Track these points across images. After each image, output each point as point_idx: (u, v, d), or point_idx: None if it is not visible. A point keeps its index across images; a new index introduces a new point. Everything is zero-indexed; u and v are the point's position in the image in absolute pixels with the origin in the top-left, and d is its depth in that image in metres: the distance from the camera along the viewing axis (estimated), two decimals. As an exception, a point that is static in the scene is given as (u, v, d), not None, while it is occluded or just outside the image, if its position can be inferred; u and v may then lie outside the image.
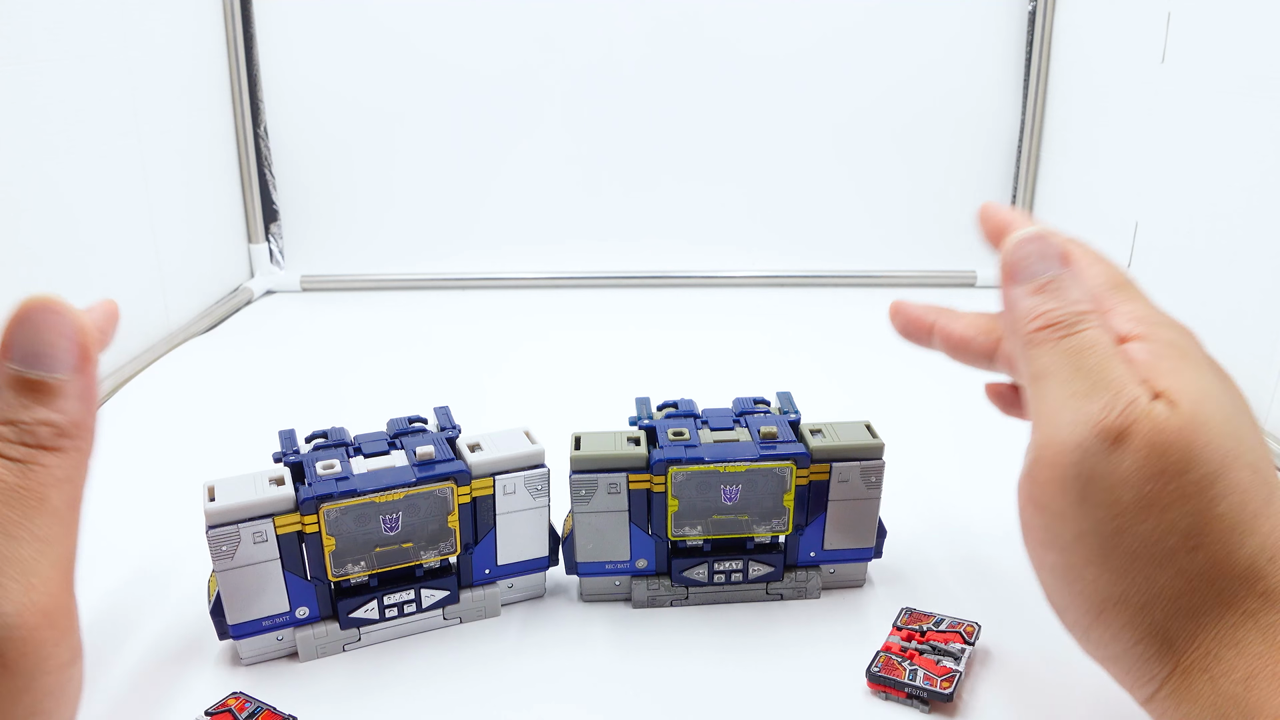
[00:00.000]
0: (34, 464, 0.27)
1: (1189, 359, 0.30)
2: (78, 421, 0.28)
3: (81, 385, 0.28)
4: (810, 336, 0.88)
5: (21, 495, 0.26)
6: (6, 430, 0.27)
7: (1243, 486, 0.27)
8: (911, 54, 1.00)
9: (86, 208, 0.76)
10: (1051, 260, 0.32)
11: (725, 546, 0.46)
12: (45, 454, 0.27)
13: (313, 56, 0.99)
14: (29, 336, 0.27)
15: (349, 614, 0.43)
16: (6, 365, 0.27)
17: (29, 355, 0.27)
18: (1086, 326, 0.30)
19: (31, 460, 0.27)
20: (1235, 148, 0.70)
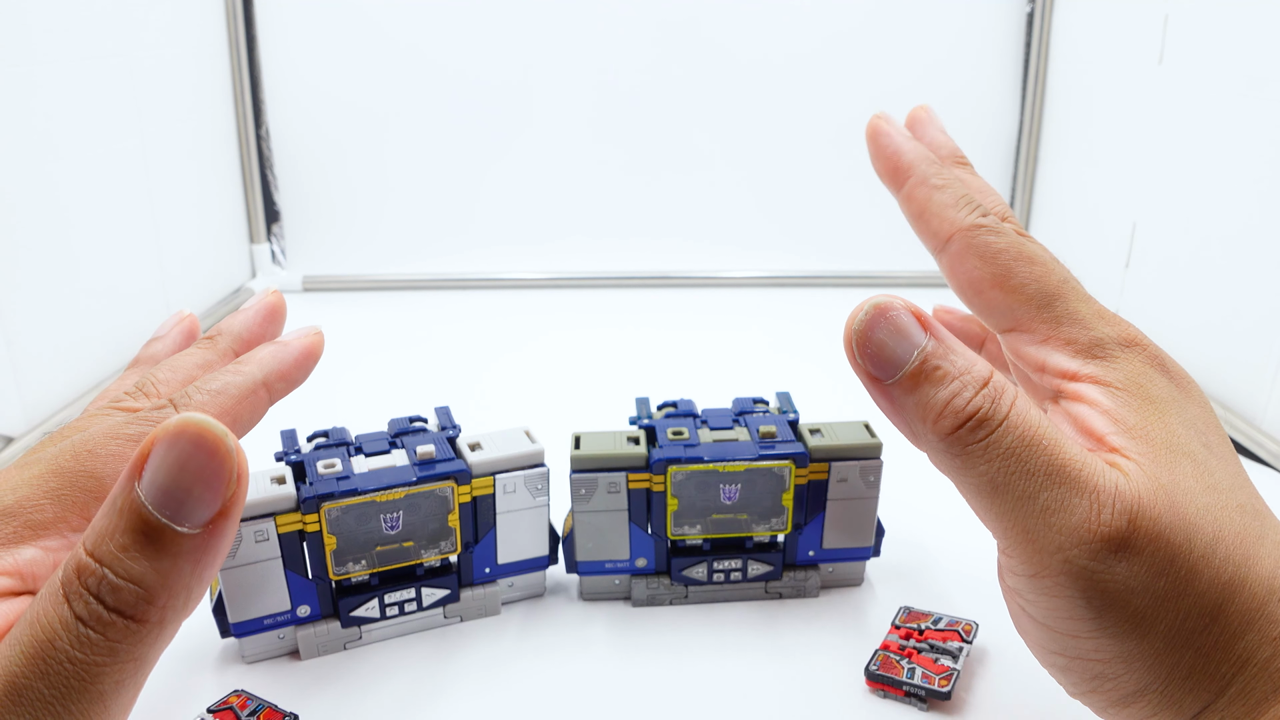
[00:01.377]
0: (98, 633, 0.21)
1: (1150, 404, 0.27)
2: (174, 589, 0.21)
3: (203, 545, 0.21)
4: (809, 336, 0.88)
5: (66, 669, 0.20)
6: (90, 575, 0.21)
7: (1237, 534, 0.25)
8: (910, 55, 1.00)
9: (89, 208, 0.76)
10: (907, 336, 0.26)
11: (724, 545, 0.46)
12: (117, 624, 0.21)
13: (314, 58, 1.00)
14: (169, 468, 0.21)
15: (350, 612, 0.43)
16: (135, 489, 0.21)
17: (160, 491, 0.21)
18: (1006, 408, 0.25)
19: (97, 627, 0.21)
20: (1233, 148, 0.70)
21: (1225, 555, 0.25)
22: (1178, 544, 0.24)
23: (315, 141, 1.02)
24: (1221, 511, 0.25)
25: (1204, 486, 0.25)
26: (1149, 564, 0.24)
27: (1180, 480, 0.25)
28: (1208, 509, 0.25)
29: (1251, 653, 0.25)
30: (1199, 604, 0.25)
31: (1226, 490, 0.26)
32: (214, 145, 0.97)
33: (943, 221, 0.30)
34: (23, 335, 0.68)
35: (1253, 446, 0.65)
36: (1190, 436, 0.26)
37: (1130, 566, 0.24)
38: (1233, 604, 0.25)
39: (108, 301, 0.79)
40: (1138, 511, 0.24)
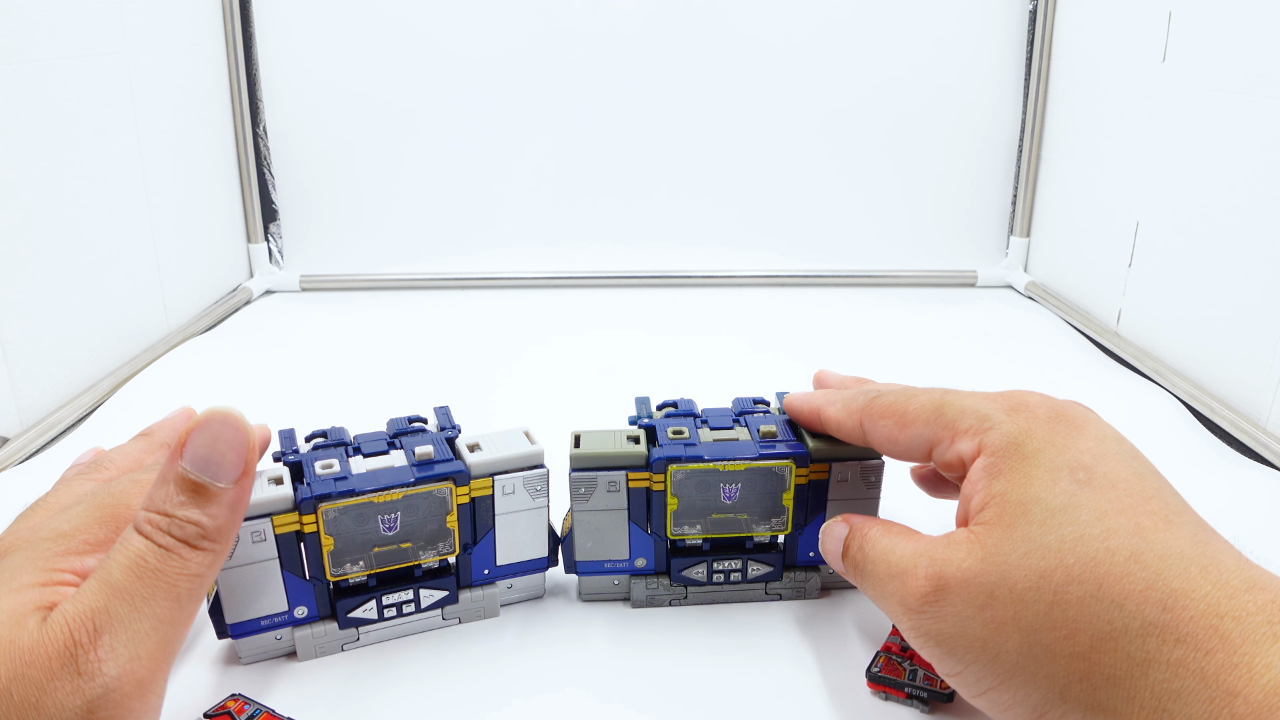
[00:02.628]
0: (174, 554, 0.30)
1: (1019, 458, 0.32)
2: (223, 528, 0.31)
3: (235, 495, 0.32)
4: (809, 336, 0.88)
5: (155, 576, 0.29)
6: (161, 520, 0.30)
7: (1091, 560, 0.28)
8: (911, 53, 1.00)
9: (85, 207, 0.76)
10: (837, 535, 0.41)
11: (724, 546, 0.46)
12: (186, 549, 0.30)
13: (312, 56, 0.99)
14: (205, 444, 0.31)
15: (347, 614, 0.43)
16: (180, 464, 0.30)
17: (200, 460, 0.30)
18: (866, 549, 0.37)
19: (173, 550, 0.30)
20: (1236, 147, 0.70)
21: (1067, 579, 0.28)
22: (992, 582, 0.30)
23: (313, 140, 1.02)
24: (1069, 545, 0.29)
25: (1046, 529, 0.30)
26: (966, 602, 0.30)
27: (1013, 533, 0.30)
28: (1043, 548, 0.29)
29: (1150, 657, 0.27)
30: (1041, 622, 0.29)
31: (1088, 521, 0.29)
32: (211, 143, 0.97)
33: (845, 424, 0.41)
34: (18, 335, 0.68)
35: (1256, 446, 0.64)
36: (1056, 484, 0.31)
37: (949, 608, 0.31)
38: (1089, 618, 0.28)
39: (104, 301, 0.79)
40: (945, 568, 0.31)
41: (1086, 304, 0.92)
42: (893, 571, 0.34)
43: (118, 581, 0.28)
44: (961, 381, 0.43)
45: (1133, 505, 0.29)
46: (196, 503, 0.30)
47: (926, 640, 0.32)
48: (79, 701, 0.26)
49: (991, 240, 1.06)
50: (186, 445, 0.30)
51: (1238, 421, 0.67)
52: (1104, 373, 0.79)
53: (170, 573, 0.29)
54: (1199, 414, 0.70)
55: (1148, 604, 0.27)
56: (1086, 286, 0.92)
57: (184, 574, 0.29)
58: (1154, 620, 0.27)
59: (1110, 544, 0.28)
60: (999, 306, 0.98)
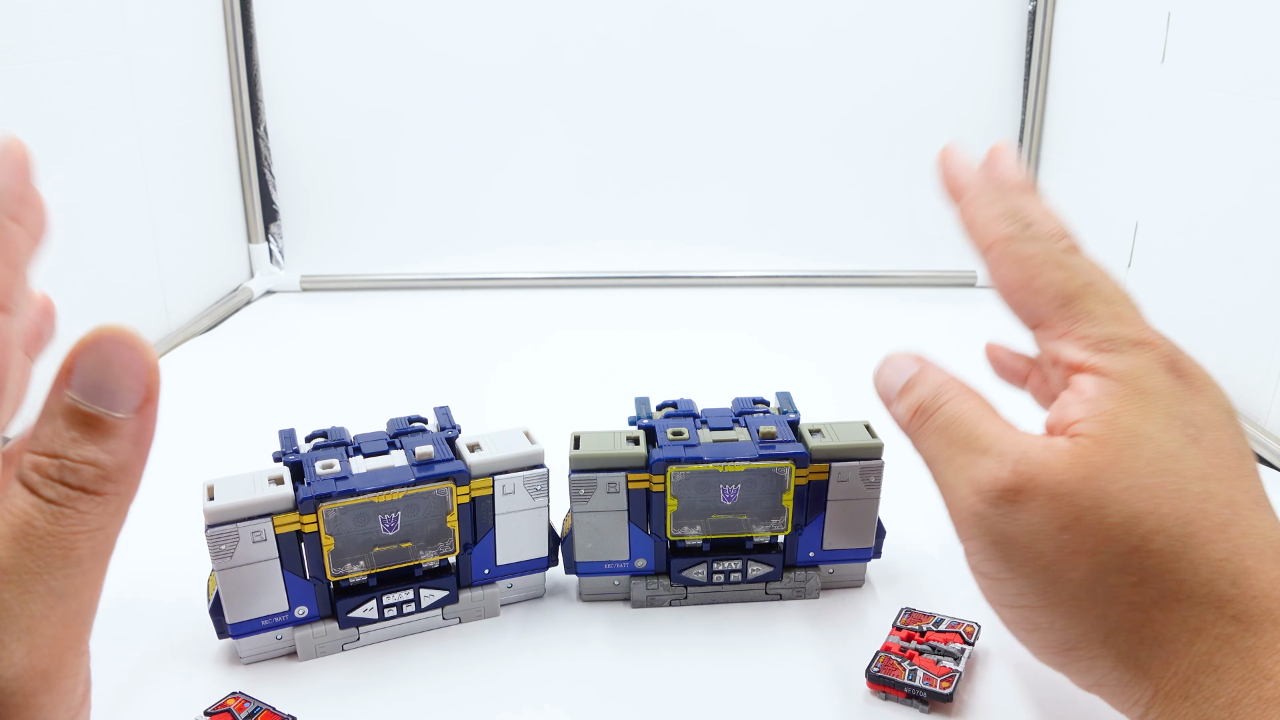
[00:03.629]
0: (68, 508, 0.24)
1: (1137, 393, 0.29)
2: (125, 466, 0.25)
3: (138, 427, 0.26)
4: (809, 336, 0.88)
5: (47, 542, 0.23)
6: (49, 465, 0.24)
7: (1182, 516, 0.27)
8: (911, 53, 1.00)
9: (86, 207, 0.76)
10: (903, 369, 0.35)
11: (724, 546, 0.46)
12: (83, 498, 0.24)
13: (312, 56, 0.99)
14: (95, 367, 0.24)
15: (348, 613, 0.43)
16: (66, 394, 0.24)
17: (91, 387, 0.24)
18: (945, 400, 0.33)
19: (67, 503, 0.24)
20: (1235, 147, 0.70)
21: (1157, 528, 0.27)
22: (1085, 506, 0.28)
23: (314, 141, 1.02)
24: (1168, 493, 0.27)
25: (1152, 470, 0.28)
26: (1047, 516, 0.28)
27: (1119, 460, 0.28)
28: (1142, 489, 0.27)
29: (1203, 626, 0.27)
30: (1117, 563, 0.27)
31: (1191, 478, 0.28)
32: (211, 144, 0.97)
33: (985, 233, 0.35)
34: (20, 335, 0.68)
35: (1255, 446, 0.64)
36: (1170, 429, 0.29)
37: (1027, 516, 0.28)
38: (1166, 574, 0.27)
39: (105, 300, 0.79)
40: (1038, 472, 0.28)
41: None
42: (973, 443, 0.30)
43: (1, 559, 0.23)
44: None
45: (1231, 479, 0.28)
46: (91, 438, 0.24)
47: (984, 536, 0.29)
48: None
49: (991, 240, 1.06)
50: (74, 371, 0.24)
51: (1237, 422, 0.67)
52: (1103, 373, 0.78)
53: (65, 535, 0.23)
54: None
55: (1221, 576, 0.27)
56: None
57: (83, 531, 0.24)
58: (1221, 593, 0.27)
59: (1205, 507, 0.27)
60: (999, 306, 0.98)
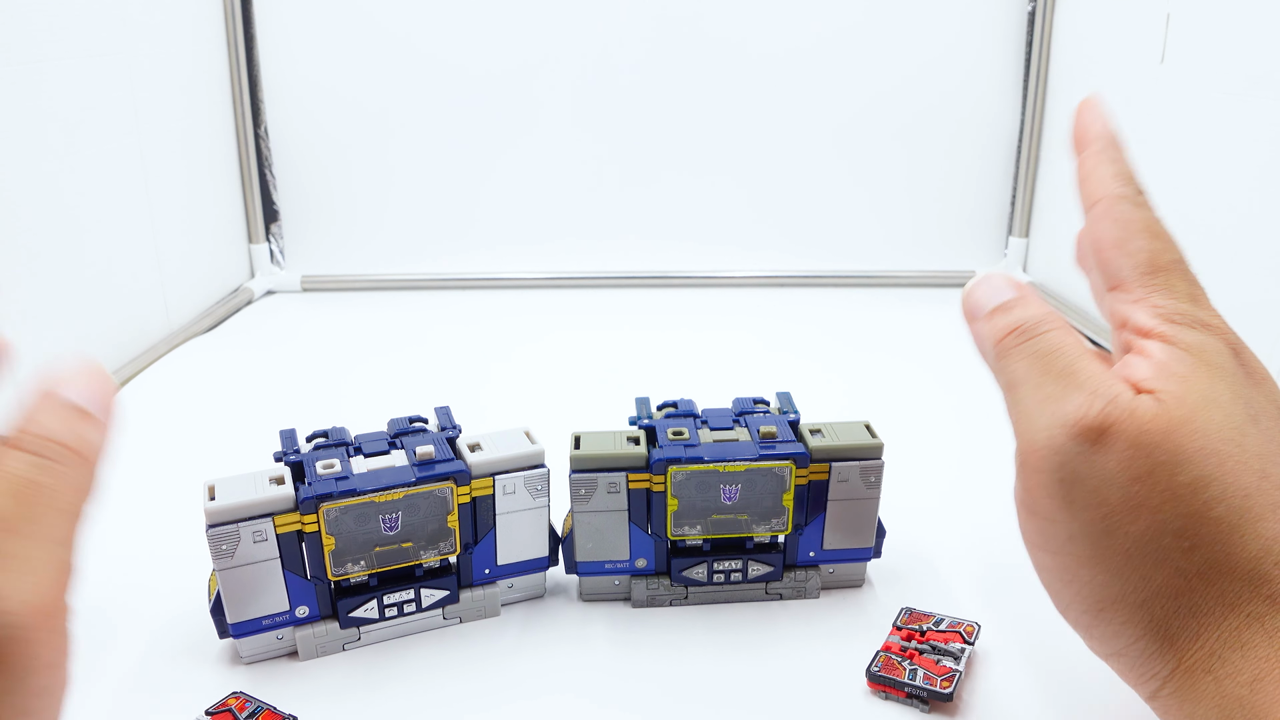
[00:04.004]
0: (60, 464, 0.28)
1: (1205, 364, 0.29)
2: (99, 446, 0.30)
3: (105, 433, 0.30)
4: (810, 336, 0.88)
5: (42, 494, 0.27)
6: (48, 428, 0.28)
7: (1243, 490, 0.27)
8: (911, 54, 1.00)
9: (87, 208, 0.76)
10: (1001, 290, 0.33)
11: (724, 546, 0.46)
12: (70, 455, 0.28)
13: (313, 56, 0.99)
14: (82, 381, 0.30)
15: (349, 613, 0.43)
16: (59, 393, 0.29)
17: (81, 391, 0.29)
18: (1049, 329, 0.31)
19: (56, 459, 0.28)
20: (1234, 148, 0.70)
21: (1220, 495, 0.27)
22: (1160, 461, 0.27)
23: (314, 141, 1.02)
24: (1234, 463, 0.27)
25: (1222, 437, 0.27)
26: (1125, 465, 0.27)
27: (1194, 420, 0.27)
28: (1214, 453, 0.27)
29: (1237, 602, 0.27)
30: (1176, 524, 0.27)
31: (1253, 454, 0.27)
32: (212, 144, 0.97)
33: (1098, 186, 0.34)
34: (20, 335, 0.68)
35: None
36: (1237, 403, 0.28)
37: (1105, 460, 0.27)
38: (1218, 544, 0.27)
39: (105, 301, 0.79)
40: (1125, 417, 0.27)
41: (1086, 304, 0.92)
42: (1069, 376, 0.29)
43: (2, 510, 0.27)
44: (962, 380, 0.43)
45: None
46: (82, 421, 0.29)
47: (1056, 471, 0.28)
48: None
49: (990, 240, 1.06)
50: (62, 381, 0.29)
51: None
52: (1103, 373, 0.78)
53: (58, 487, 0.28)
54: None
55: (1268, 556, 0.27)
56: (1085, 287, 0.92)
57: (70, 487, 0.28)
58: (1264, 573, 0.27)
59: (1264, 485, 0.27)
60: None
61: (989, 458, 0.53)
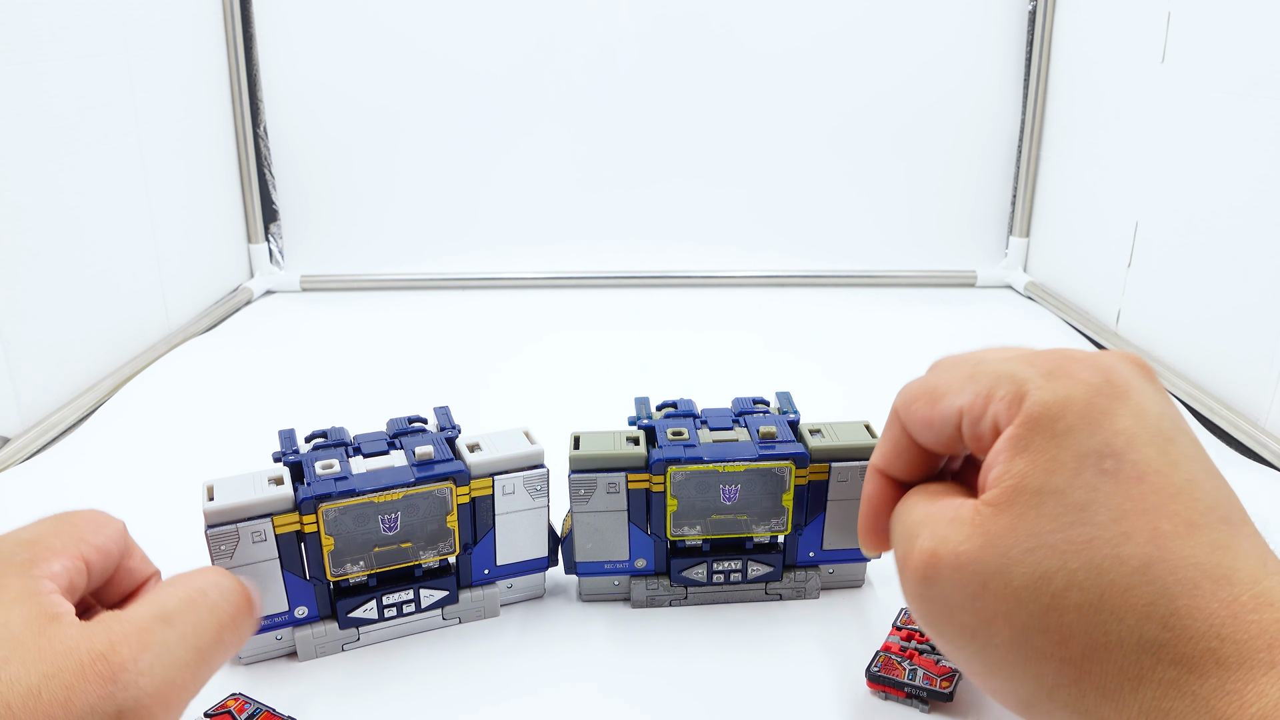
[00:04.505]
0: (231, 599, 0.33)
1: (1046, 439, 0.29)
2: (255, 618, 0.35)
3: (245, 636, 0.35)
4: (810, 336, 0.88)
5: (209, 612, 0.32)
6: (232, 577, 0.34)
7: (1097, 567, 0.26)
8: (911, 53, 1.00)
9: (86, 207, 0.76)
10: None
11: (724, 546, 0.46)
12: (244, 603, 0.33)
13: (312, 56, 0.99)
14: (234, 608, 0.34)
15: (348, 614, 0.43)
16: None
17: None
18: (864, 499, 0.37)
19: (231, 596, 0.33)
20: (1235, 147, 0.70)
21: (1068, 583, 0.27)
22: (988, 574, 0.28)
23: (314, 140, 1.02)
24: (1074, 548, 0.27)
25: (1059, 526, 0.27)
26: (957, 587, 0.29)
27: (1020, 524, 0.28)
28: (1050, 547, 0.27)
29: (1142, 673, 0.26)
30: (1036, 623, 0.27)
31: (1105, 524, 0.27)
32: (211, 144, 0.97)
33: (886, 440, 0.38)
34: (19, 335, 0.68)
35: (1255, 446, 0.64)
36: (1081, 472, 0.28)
37: (942, 590, 0.29)
38: (1087, 628, 0.26)
39: (104, 301, 0.79)
40: (937, 546, 0.30)
41: (1086, 304, 0.92)
42: (903, 533, 0.32)
43: (171, 610, 0.30)
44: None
45: (1156, 505, 0.27)
46: (250, 610, 0.34)
47: (918, 616, 0.31)
48: (110, 706, 0.27)
49: (991, 240, 1.06)
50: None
51: (1237, 422, 0.67)
52: (1104, 373, 0.78)
53: (222, 613, 0.32)
54: (1199, 414, 0.70)
55: (1149, 621, 0.26)
56: (1086, 287, 0.92)
57: (231, 620, 0.32)
58: (1153, 638, 0.26)
59: (1121, 551, 0.26)
60: (998, 306, 0.98)
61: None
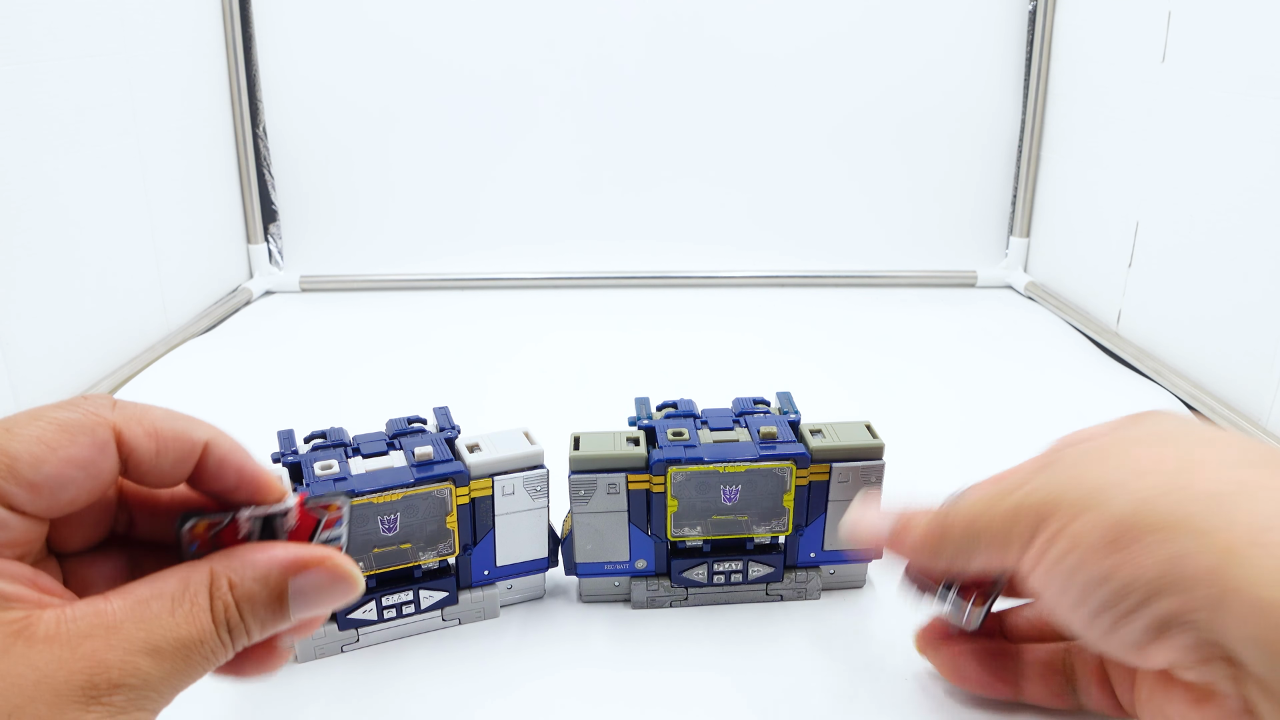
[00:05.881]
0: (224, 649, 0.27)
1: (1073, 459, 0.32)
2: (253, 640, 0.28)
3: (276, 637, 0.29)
4: (810, 336, 0.88)
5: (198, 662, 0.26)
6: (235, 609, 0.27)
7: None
8: (911, 53, 1.00)
9: (85, 208, 0.76)
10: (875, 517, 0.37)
11: (725, 547, 0.46)
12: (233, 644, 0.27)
13: (312, 56, 0.99)
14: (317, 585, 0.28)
15: (347, 615, 0.43)
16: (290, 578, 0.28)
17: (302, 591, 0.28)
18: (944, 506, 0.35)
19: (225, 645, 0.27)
20: (1235, 147, 0.70)
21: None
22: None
23: (313, 141, 1.02)
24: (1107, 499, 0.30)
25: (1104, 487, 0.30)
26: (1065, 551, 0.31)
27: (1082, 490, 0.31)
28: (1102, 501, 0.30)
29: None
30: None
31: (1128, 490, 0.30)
32: (211, 144, 0.97)
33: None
34: (18, 335, 0.68)
35: (1256, 447, 0.64)
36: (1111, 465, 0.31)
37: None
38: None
39: (104, 301, 0.79)
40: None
41: (1086, 304, 0.92)
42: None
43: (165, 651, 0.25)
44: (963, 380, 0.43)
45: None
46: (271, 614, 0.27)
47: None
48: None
49: (991, 240, 1.06)
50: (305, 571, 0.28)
51: (1238, 421, 0.67)
52: (1104, 373, 0.78)
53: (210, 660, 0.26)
54: (1199, 414, 0.70)
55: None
56: (1086, 286, 0.92)
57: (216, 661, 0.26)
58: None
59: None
60: (999, 306, 0.98)
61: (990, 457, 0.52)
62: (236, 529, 0.28)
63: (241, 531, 0.29)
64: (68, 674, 0.23)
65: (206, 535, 0.28)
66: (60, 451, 0.25)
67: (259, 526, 0.29)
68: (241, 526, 0.29)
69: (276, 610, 0.27)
